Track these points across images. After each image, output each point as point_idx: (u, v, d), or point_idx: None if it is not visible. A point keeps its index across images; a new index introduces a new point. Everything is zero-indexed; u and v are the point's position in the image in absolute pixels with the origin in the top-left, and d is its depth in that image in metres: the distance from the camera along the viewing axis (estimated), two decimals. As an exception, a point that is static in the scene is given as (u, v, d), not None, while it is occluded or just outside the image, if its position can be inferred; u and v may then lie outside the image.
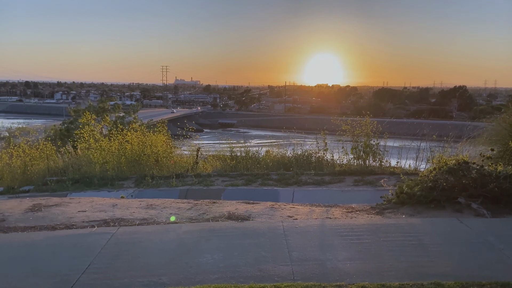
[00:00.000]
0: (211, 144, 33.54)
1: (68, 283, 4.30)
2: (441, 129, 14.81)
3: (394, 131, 15.65)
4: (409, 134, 17.06)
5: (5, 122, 77.87)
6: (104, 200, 8.24)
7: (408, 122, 42.83)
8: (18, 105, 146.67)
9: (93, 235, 5.66)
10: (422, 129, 14.20)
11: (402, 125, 21.22)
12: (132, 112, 40.09)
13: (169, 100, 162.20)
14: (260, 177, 11.98)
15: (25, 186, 13.26)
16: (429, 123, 17.84)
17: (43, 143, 15.80)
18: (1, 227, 6.13)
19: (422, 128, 14.38)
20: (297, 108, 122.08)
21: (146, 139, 14.72)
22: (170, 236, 5.55)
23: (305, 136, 20.44)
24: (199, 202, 7.94)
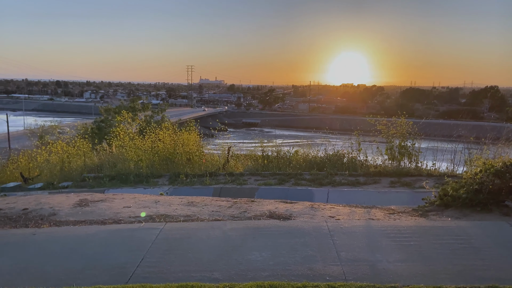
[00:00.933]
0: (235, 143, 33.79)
1: (125, 275, 4.46)
2: (478, 130, 14.41)
3: (427, 132, 15.31)
4: (443, 135, 16.69)
5: (38, 120, 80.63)
6: (145, 196, 8.46)
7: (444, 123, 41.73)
8: (49, 103, 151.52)
9: (142, 230, 5.83)
10: (457, 130, 13.87)
11: (435, 126, 20.72)
12: (160, 111, 40.86)
13: (194, 99, 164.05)
14: (293, 176, 12.00)
15: (63, 182, 13.73)
16: (465, 124, 17.37)
17: (80, 141, 16.32)
18: (54, 220, 6.40)
19: (457, 129, 14.05)
20: (322, 108, 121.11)
21: (179, 137, 14.98)
22: (216, 233, 5.65)
23: (330, 136, 20.28)
24: (238, 200, 8.03)
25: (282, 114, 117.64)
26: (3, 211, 6.95)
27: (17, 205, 7.35)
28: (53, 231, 5.86)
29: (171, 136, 14.86)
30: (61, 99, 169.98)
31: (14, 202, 7.64)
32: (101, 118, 38.49)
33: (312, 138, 69.68)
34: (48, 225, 6.14)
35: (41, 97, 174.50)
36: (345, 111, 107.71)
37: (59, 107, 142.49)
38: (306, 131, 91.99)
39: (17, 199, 7.95)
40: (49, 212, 6.80)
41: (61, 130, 41.99)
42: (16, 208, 7.07)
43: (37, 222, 6.32)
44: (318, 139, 45.42)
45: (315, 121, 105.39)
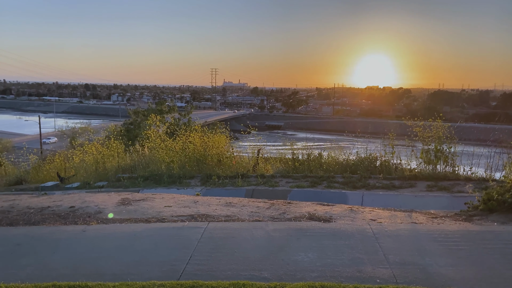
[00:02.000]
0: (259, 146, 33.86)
1: (176, 272, 4.58)
2: (515, 134, 13.97)
3: (461, 136, 14.95)
4: (478, 139, 16.25)
5: (68, 122, 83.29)
6: (184, 196, 8.63)
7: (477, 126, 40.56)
8: (78, 106, 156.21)
9: (186, 229, 5.96)
10: (494, 134, 13.49)
11: (469, 129, 20.19)
12: (186, 114, 41.46)
13: (218, 102, 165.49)
14: (325, 179, 11.96)
15: (99, 182, 14.13)
16: (504, 128, 16.85)
17: (114, 142, 16.77)
18: (100, 218, 6.62)
19: (493, 133, 13.66)
20: (346, 111, 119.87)
21: (209, 139, 15.19)
22: (259, 233, 5.72)
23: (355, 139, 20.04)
24: (275, 202, 8.09)
25: (306, 117, 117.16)
26: (51, 208, 7.24)
27: (64, 203, 7.64)
28: (102, 228, 6.07)
29: (202, 138, 15.08)
30: (90, 101, 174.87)
31: (60, 200, 7.94)
32: (130, 120, 39.38)
33: (336, 141, 68.59)
34: (96, 223, 6.36)
35: (70, 99, 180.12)
36: (370, 114, 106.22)
37: (88, 109, 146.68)
38: (330, 134, 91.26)
39: (62, 197, 8.26)
40: (95, 210, 7.04)
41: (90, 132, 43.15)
42: (63, 206, 7.35)
43: (85, 219, 6.56)
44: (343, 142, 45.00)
45: (339, 124, 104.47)
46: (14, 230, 6.05)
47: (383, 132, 13.40)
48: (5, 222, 6.47)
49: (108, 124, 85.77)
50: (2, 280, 4.42)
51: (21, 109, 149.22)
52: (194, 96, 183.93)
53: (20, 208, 7.30)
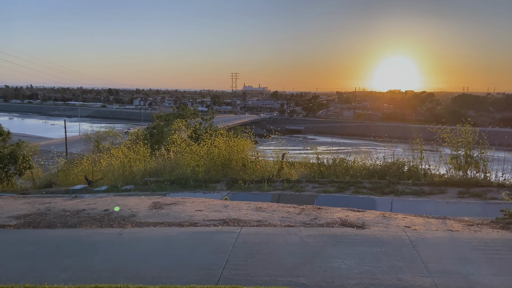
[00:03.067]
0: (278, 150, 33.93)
1: (214, 276, 4.62)
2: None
3: (491, 141, 14.55)
4: (509, 144, 15.76)
5: (93, 126, 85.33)
6: (213, 201, 8.69)
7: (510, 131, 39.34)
8: (102, 110, 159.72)
9: (220, 233, 6.01)
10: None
11: (499, 134, 19.62)
12: (209, 119, 41.81)
13: (238, 106, 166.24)
14: (352, 184, 11.85)
15: (126, 185, 14.38)
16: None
17: (141, 147, 17.05)
18: (135, 221, 6.74)
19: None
20: (367, 115, 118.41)
21: (234, 144, 15.26)
22: (293, 238, 5.71)
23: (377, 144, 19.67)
24: (305, 207, 8.06)
25: (326, 121, 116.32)
26: (86, 211, 7.42)
27: (98, 206, 7.82)
28: (137, 231, 6.18)
29: (227, 142, 15.17)
30: (113, 106, 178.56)
31: (94, 203, 8.13)
32: (153, 125, 39.99)
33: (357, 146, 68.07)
34: (131, 226, 6.48)
35: (94, 104, 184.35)
36: (392, 118, 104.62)
37: (111, 113, 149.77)
38: (351, 138, 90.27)
39: (95, 201, 8.45)
40: (129, 214, 7.18)
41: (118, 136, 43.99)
42: (97, 209, 7.52)
43: (120, 222, 6.69)
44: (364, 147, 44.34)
45: (360, 128, 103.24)
46: (53, 232, 6.23)
47: (405, 137, 13.18)
48: (43, 224, 6.66)
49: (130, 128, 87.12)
50: (46, 281, 4.56)
51: (47, 114, 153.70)
52: (214, 100, 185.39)
53: (56, 210, 7.51)
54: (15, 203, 8.48)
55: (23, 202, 8.58)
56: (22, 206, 8.00)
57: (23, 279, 4.64)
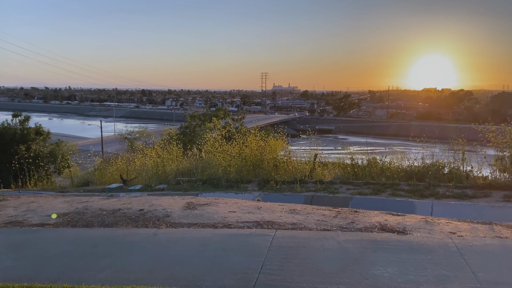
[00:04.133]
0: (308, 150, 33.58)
1: (249, 281, 4.49)
2: None
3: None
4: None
5: (127, 126, 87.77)
6: (246, 202, 8.59)
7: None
8: (135, 111, 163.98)
9: (254, 236, 5.89)
10: None
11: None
12: (240, 119, 41.98)
13: (267, 106, 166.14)
14: (389, 186, 11.44)
15: (159, 185, 14.54)
16: None
17: (174, 147, 17.24)
18: (169, 222, 6.74)
19: None
20: (401, 114, 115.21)
21: (266, 144, 15.12)
22: (331, 243, 5.50)
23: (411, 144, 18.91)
24: (340, 210, 7.81)
25: (358, 121, 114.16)
26: (122, 211, 7.49)
27: (133, 205, 7.89)
28: (172, 232, 6.15)
29: (259, 142, 15.05)
30: (146, 106, 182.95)
31: (129, 203, 8.21)
32: (186, 124, 40.58)
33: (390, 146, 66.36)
34: (165, 226, 6.47)
35: (128, 105, 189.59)
36: (428, 118, 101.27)
37: (144, 114, 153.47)
38: (384, 138, 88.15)
39: (131, 200, 8.55)
40: (163, 214, 7.19)
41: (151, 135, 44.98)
42: (133, 209, 7.59)
43: (154, 222, 6.70)
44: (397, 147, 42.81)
45: (393, 127, 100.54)
46: (90, 232, 6.31)
47: (442, 137, 12.58)
48: (81, 223, 6.78)
49: (163, 128, 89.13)
50: (84, 281, 4.58)
51: (84, 114, 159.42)
52: (244, 100, 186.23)
53: (94, 210, 7.63)
54: (54, 201, 8.71)
55: (62, 200, 8.80)
56: (61, 205, 8.20)
57: (62, 278, 4.69)
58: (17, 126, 22.12)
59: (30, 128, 22.23)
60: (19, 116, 22.24)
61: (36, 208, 7.91)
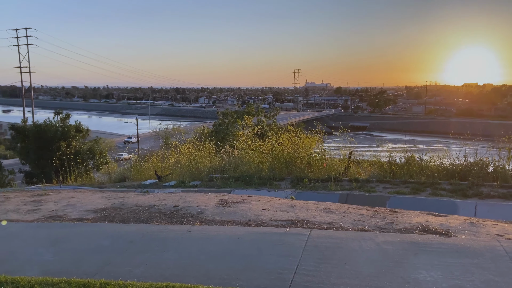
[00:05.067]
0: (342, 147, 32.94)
1: (284, 281, 4.37)
2: None
3: None
4: None
5: (162, 124, 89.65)
6: (279, 200, 8.48)
7: None
8: (169, 108, 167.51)
9: (289, 235, 5.76)
10: None
11: None
12: (272, 116, 41.82)
13: (300, 103, 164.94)
14: (429, 185, 10.97)
15: (193, 181, 14.68)
16: None
17: (206, 144, 17.36)
18: (203, 219, 6.73)
19: None
20: (440, 110, 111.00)
21: (299, 141, 14.91)
22: (369, 244, 5.29)
23: (450, 141, 18.08)
24: (378, 209, 7.54)
25: (394, 117, 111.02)
26: (157, 207, 7.57)
27: (167, 202, 7.96)
28: (206, 229, 6.13)
29: (292, 139, 14.86)
30: (179, 104, 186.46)
31: (164, 199, 8.30)
32: (219, 122, 40.91)
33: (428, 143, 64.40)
34: (199, 223, 6.47)
35: (163, 103, 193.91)
36: (468, 114, 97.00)
37: (178, 111, 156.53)
38: (421, 136, 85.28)
39: (165, 196, 8.64)
40: (197, 211, 7.19)
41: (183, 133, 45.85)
42: (167, 205, 7.65)
43: (188, 219, 6.72)
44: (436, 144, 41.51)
45: (432, 124, 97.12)
46: (127, 227, 6.40)
47: (484, 134, 11.89)
48: (118, 219, 6.89)
49: (196, 125, 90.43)
50: (120, 277, 4.62)
51: (121, 112, 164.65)
52: (276, 97, 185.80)
53: (130, 205, 7.76)
54: (93, 197, 8.94)
55: (100, 196, 9.02)
56: (98, 200, 8.41)
57: (99, 273, 4.76)
58: (58, 123, 23.05)
59: (71, 126, 23.10)
60: (60, 114, 23.16)
61: (75, 203, 8.15)
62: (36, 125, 22.27)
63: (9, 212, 7.59)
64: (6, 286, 4.36)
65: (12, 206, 8.06)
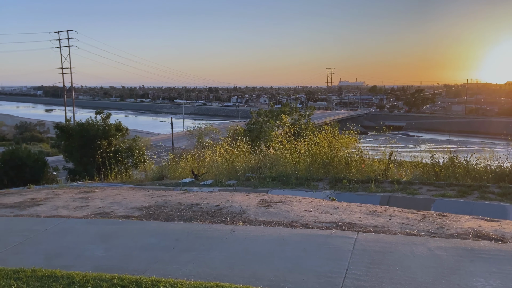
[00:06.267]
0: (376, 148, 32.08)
1: (335, 285, 4.28)
2: None
3: None
4: None
5: (195, 123, 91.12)
6: (321, 201, 8.36)
7: None
8: (203, 108, 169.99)
9: (335, 237, 5.65)
10: None
11: None
12: (307, 115, 41.44)
13: (333, 102, 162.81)
14: (476, 189, 10.50)
15: (229, 180, 14.76)
16: None
17: (241, 143, 17.44)
18: (245, 219, 6.73)
19: None
20: (481, 110, 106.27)
21: (337, 141, 14.68)
22: (421, 250, 5.09)
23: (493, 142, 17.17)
24: (425, 213, 7.27)
25: (432, 117, 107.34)
26: (199, 206, 7.65)
27: (209, 201, 8.03)
28: (249, 230, 6.13)
29: (330, 139, 14.65)
30: (212, 104, 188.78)
31: (205, 198, 8.38)
32: (252, 121, 40.99)
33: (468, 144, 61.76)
34: (242, 223, 6.47)
35: (196, 102, 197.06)
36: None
37: (211, 111, 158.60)
38: (461, 136, 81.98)
39: (206, 195, 8.72)
40: (239, 210, 7.21)
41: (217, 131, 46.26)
42: (209, 204, 7.72)
43: (231, 219, 6.74)
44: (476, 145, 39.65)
45: (472, 124, 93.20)
46: (172, 225, 6.50)
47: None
48: (163, 217, 7.02)
49: (228, 124, 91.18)
50: (169, 275, 4.69)
51: (156, 111, 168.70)
52: (309, 97, 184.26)
53: (173, 204, 7.89)
54: (136, 194, 9.17)
55: (143, 194, 9.24)
56: (142, 198, 8.61)
57: (148, 270, 4.85)
58: (100, 122, 23.88)
59: (111, 125, 23.87)
60: (101, 113, 24.00)
61: (121, 201, 8.38)
62: (79, 124, 23.18)
63: (59, 208, 7.91)
64: (62, 280, 4.52)
65: (61, 203, 8.40)
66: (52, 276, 4.63)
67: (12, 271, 4.78)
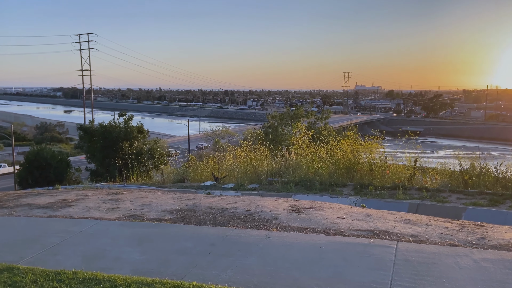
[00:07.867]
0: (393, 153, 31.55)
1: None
2: None
3: None
4: None
5: (212, 126, 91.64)
6: (352, 208, 8.23)
7: None
8: (218, 110, 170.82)
9: (374, 247, 5.53)
10: None
11: None
12: (323, 119, 41.12)
13: (349, 106, 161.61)
14: (508, 197, 10.22)
15: (251, 184, 14.71)
16: None
17: (261, 147, 17.39)
18: (278, 225, 6.66)
19: None
20: (502, 116, 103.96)
21: (360, 146, 14.51)
22: (466, 261, 4.94)
23: None
24: (463, 223, 7.08)
25: (451, 122, 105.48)
26: (230, 210, 7.61)
27: (238, 205, 7.99)
28: (284, 236, 6.06)
29: (352, 144, 14.49)
30: (228, 106, 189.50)
31: (234, 202, 8.34)
32: (268, 124, 40.91)
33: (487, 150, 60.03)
34: (276, 229, 6.40)
35: (212, 104, 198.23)
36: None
37: (226, 113, 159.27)
38: (480, 142, 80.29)
39: (235, 200, 8.69)
40: (271, 216, 7.14)
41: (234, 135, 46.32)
42: (239, 209, 7.67)
43: (264, 224, 6.68)
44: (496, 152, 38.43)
45: (492, 130, 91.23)
46: (205, 230, 6.48)
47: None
48: (194, 220, 7.00)
49: (244, 127, 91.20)
50: (209, 280, 4.65)
51: (173, 113, 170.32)
52: (324, 101, 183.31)
53: (203, 207, 7.87)
54: (165, 197, 9.19)
55: (171, 196, 9.26)
56: (171, 201, 8.62)
57: (187, 275, 4.82)
58: (122, 124, 24.16)
59: (133, 127, 24.14)
60: (124, 116, 24.29)
61: (150, 203, 8.41)
62: (102, 126, 23.49)
63: (91, 210, 7.98)
64: (104, 284, 4.52)
65: (92, 204, 8.47)
66: (93, 278, 4.64)
67: (54, 273, 4.81)
